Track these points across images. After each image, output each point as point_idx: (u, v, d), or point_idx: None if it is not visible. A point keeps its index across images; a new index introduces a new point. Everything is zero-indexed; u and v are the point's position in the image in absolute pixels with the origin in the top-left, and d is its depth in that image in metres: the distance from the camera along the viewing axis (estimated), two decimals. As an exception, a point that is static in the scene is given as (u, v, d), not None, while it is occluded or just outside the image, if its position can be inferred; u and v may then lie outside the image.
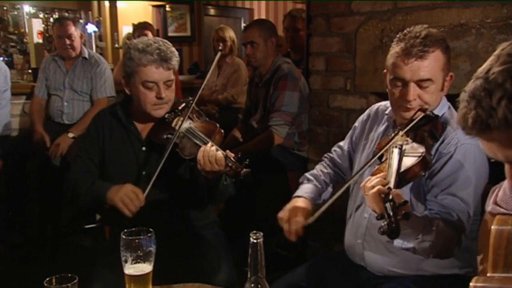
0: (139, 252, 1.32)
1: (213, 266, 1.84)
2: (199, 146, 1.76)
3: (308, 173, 1.94)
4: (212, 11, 7.41)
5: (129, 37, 5.18)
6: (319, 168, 1.95)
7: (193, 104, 1.90)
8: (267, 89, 3.14)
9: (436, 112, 1.59)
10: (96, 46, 5.94)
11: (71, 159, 3.22)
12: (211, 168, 1.70)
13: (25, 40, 5.49)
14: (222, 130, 1.88)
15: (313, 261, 1.86)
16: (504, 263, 0.98)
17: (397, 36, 1.60)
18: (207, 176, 1.75)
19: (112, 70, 4.21)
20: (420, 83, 1.54)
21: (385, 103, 1.81)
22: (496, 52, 0.87)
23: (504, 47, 0.86)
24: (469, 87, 0.86)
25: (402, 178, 1.37)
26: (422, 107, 1.56)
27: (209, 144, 1.74)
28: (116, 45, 6.20)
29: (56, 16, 5.74)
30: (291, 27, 3.98)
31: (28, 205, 3.68)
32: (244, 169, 1.69)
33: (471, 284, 0.95)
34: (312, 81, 2.87)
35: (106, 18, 6.28)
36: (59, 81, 3.68)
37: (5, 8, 5.83)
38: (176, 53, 1.93)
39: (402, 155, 1.42)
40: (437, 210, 1.49)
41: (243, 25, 7.36)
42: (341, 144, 1.97)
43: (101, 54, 5.16)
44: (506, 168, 0.88)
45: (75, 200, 2.02)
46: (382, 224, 1.19)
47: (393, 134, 1.55)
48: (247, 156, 1.74)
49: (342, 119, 2.71)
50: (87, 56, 3.72)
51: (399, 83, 1.57)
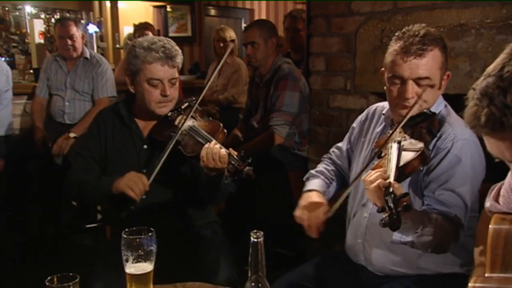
0: (140, 251, 1.32)
1: (214, 265, 1.84)
2: (202, 144, 1.77)
3: (313, 170, 1.94)
4: (212, 12, 7.40)
5: (130, 37, 5.19)
6: (322, 166, 1.96)
7: (197, 103, 1.90)
8: (267, 89, 3.14)
9: (433, 109, 1.60)
10: (97, 47, 5.94)
11: (72, 159, 3.22)
12: (214, 166, 1.71)
13: (26, 40, 5.50)
14: (225, 130, 1.89)
15: (314, 261, 1.86)
16: (502, 263, 0.98)
17: (396, 34, 1.60)
18: (210, 174, 1.75)
19: (114, 70, 4.21)
20: (418, 81, 1.55)
21: (383, 103, 1.82)
22: (507, 51, 0.85)
23: None
24: (480, 84, 0.84)
25: (402, 172, 1.38)
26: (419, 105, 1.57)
27: (213, 142, 1.75)
28: (117, 46, 6.20)
29: (57, 16, 5.74)
30: (292, 28, 3.98)
31: (29, 205, 3.68)
32: (247, 167, 1.70)
33: (469, 284, 0.96)
34: (312, 81, 2.87)
35: (107, 18, 6.28)
36: (60, 81, 3.68)
37: (6, 8, 5.83)
38: (180, 51, 1.95)
39: (401, 150, 1.43)
40: (434, 205, 1.50)
41: (243, 25, 7.35)
42: (340, 145, 1.97)
43: (102, 54, 5.16)
44: None
45: (82, 197, 2.03)
46: (383, 216, 1.20)
47: (391, 131, 1.56)
48: (249, 155, 1.74)
49: (342, 119, 2.71)
50: (88, 56, 3.72)
51: (398, 81, 1.58)
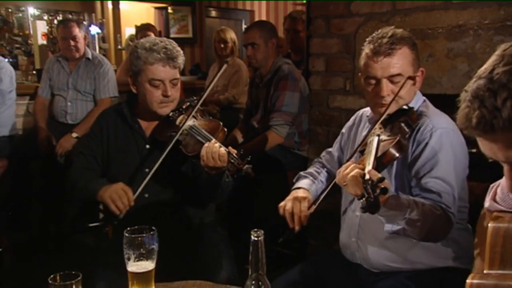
0: (141, 249, 1.32)
1: (215, 264, 1.84)
2: (202, 143, 1.77)
3: (302, 172, 1.96)
4: (213, 13, 7.40)
5: (132, 38, 5.20)
6: (312, 168, 1.97)
7: (198, 103, 1.90)
8: (267, 89, 3.14)
9: (411, 105, 1.64)
10: (99, 48, 5.94)
11: (74, 157, 3.22)
12: (214, 164, 1.71)
13: (29, 41, 5.50)
14: (225, 129, 1.89)
15: (313, 259, 1.88)
16: (501, 260, 0.98)
17: (366, 39, 1.67)
18: (210, 173, 1.75)
19: (115, 71, 4.21)
20: (391, 78, 1.61)
21: (367, 108, 1.85)
22: (498, 52, 0.85)
23: (506, 48, 0.85)
24: (471, 86, 0.84)
25: (380, 161, 1.43)
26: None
27: (213, 141, 1.75)
28: (119, 47, 6.20)
29: (60, 18, 5.74)
30: (291, 29, 3.98)
31: (32, 204, 3.68)
32: (246, 165, 1.70)
33: (467, 280, 0.96)
34: (312, 82, 2.87)
35: (109, 20, 6.28)
36: (62, 81, 3.68)
37: (10, 10, 5.84)
38: (181, 52, 1.95)
39: (380, 142, 1.48)
40: (422, 194, 1.52)
41: (244, 26, 7.35)
42: (330, 150, 1.99)
43: (104, 55, 5.16)
44: (505, 168, 0.88)
45: (73, 196, 2.02)
46: (361, 201, 1.23)
47: (371, 128, 1.61)
48: (249, 153, 1.74)
49: (341, 119, 2.71)
50: (90, 57, 3.72)
51: (372, 81, 1.64)
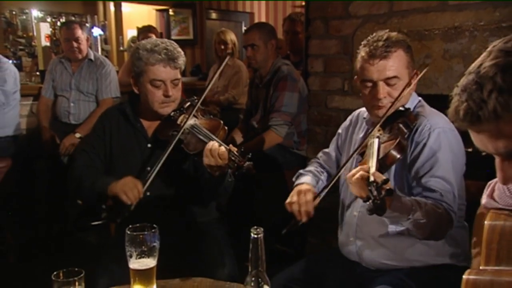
0: (143, 247, 1.32)
1: (216, 261, 1.84)
2: (204, 142, 1.76)
3: (302, 170, 1.95)
4: (213, 15, 7.40)
5: (133, 40, 5.20)
6: (311, 167, 1.96)
7: (199, 102, 1.90)
8: (267, 90, 3.14)
9: (407, 106, 1.65)
10: (102, 49, 5.94)
11: (77, 155, 3.22)
12: (215, 163, 1.70)
13: (33, 43, 5.50)
14: (226, 127, 1.88)
15: (312, 257, 1.88)
16: (497, 257, 0.98)
17: (362, 43, 1.67)
18: (213, 173, 1.75)
19: (117, 72, 4.21)
20: (387, 81, 1.61)
21: (364, 108, 1.84)
22: (488, 49, 0.87)
23: (495, 44, 0.87)
24: (461, 81, 0.86)
25: (383, 163, 1.43)
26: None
27: (214, 140, 1.75)
28: (121, 48, 6.21)
29: (63, 20, 5.75)
30: (291, 30, 3.98)
31: (36, 203, 3.68)
32: (247, 162, 1.68)
33: (464, 276, 0.96)
34: (310, 82, 2.87)
35: (112, 22, 6.28)
36: (65, 82, 3.68)
37: (14, 12, 5.85)
38: (182, 53, 1.95)
39: (380, 144, 1.49)
40: (423, 193, 1.52)
41: (243, 28, 7.35)
42: (326, 150, 1.99)
43: (106, 56, 5.16)
44: (496, 160, 0.88)
45: (79, 193, 2.02)
46: (368, 203, 1.23)
47: (370, 131, 1.60)
48: (249, 151, 1.74)
49: (340, 119, 2.70)
50: (92, 58, 3.72)
51: (369, 84, 1.64)
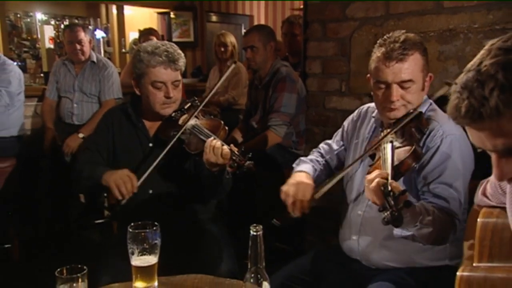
0: (145, 244, 1.32)
1: (216, 258, 1.84)
2: (205, 142, 1.76)
3: (303, 157, 1.92)
4: (214, 18, 7.39)
5: (135, 42, 5.19)
6: (312, 156, 1.93)
7: (202, 105, 1.90)
8: (266, 91, 3.14)
9: (419, 109, 1.61)
10: (104, 51, 5.95)
11: (80, 153, 3.21)
12: (216, 161, 1.70)
13: (37, 45, 5.51)
14: (227, 127, 1.88)
15: (310, 254, 1.85)
16: (489, 253, 0.99)
17: (378, 42, 1.61)
18: (212, 170, 1.75)
19: (119, 73, 4.21)
20: (401, 84, 1.56)
21: (373, 104, 1.81)
22: (486, 47, 0.86)
23: (493, 42, 0.86)
24: (461, 79, 0.85)
25: (397, 170, 1.38)
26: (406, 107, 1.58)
27: (215, 138, 1.74)
28: (123, 50, 6.20)
29: (66, 22, 5.76)
30: (289, 33, 3.98)
31: (40, 202, 3.68)
32: (248, 162, 1.68)
33: (458, 273, 0.96)
34: (309, 83, 2.87)
35: (114, 24, 6.28)
36: (69, 84, 3.68)
37: (18, 15, 5.85)
38: (183, 55, 1.94)
39: (394, 150, 1.43)
40: (430, 199, 1.50)
41: (243, 31, 7.34)
42: (329, 142, 1.95)
43: (109, 58, 5.16)
44: (493, 157, 0.88)
45: (78, 185, 2.01)
46: (385, 214, 1.19)
47: (382, 134, 1.56)
48: (250, 150, 1.73)
49: (337, 119, 2.71)
50: (95, 60, 3.72)
51: (382, 85, 1.59)
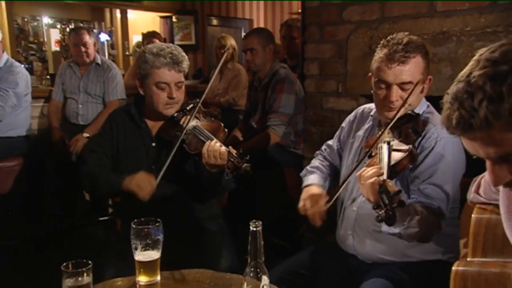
0: (148, 240, 1.33)
1: (216, 254, 1.84)
2: (204, 143, 1.76)
3: (308, 166, 1.93)
4: (214, 22, 7.39)
5: (138, 45, 5.19)
6: (317, 162, 1.94)
7: (200, 102, 1.90)
8: (265, 92, 3.14)
9: (416, 111, 1.61)
10: (108, 54, 5.94)
11: (86, 154, 3.21)
12: (215, 162, 1.70)
13: (44, 48, 5.51)
14: (226, 129, 1.89)
15: (309, 250, 1.86)
16: (483, 248, 0.98)
17: (381, 42, 1.60)
18: (211, 171, 1.75)
19: (123, 75, 4.21)
20: (402, 85, 1.55)
21: (370, 105, 1.82)
22: (475, 57, 0.86)
23: (482, 53, 0.86)
24: (452, 90, 0.86)
25: (393, 170, 1.38)
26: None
27: (214, 140, 1.74)
28: (127, 53, 6.20)
29: (72, 26, 5.75)
30: (288, 35, 3.98)
31: (46, 200, 3.68)
32: (245, 164, 1.69)
33: (453, 268, 0.96)
34: (307, 85, 2.87)
35: (118, 28, 6.27)
36: (74, 85, 3.68)
37: (26, 19, 5.85)
38: (186, 57, 1.94)
39: (391, 150, 1.42)
40: (419, 198, 1.51)
41: (243, 34, 7.34)
42: (330, 143, 1.97)
43: (113, 61, 5.16)
44: (487, 164, 0.88)
45: (95, 190, 2.02)
46: (379, 212, 1.19)
47: (380, 132, 1.55)
48: (248, 152, 1.74)
49: (334, 119, 2.71)
50: (100, 62, 3.72)
51: (383, 86, 1.58)
